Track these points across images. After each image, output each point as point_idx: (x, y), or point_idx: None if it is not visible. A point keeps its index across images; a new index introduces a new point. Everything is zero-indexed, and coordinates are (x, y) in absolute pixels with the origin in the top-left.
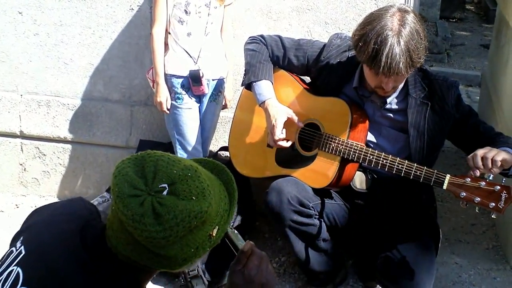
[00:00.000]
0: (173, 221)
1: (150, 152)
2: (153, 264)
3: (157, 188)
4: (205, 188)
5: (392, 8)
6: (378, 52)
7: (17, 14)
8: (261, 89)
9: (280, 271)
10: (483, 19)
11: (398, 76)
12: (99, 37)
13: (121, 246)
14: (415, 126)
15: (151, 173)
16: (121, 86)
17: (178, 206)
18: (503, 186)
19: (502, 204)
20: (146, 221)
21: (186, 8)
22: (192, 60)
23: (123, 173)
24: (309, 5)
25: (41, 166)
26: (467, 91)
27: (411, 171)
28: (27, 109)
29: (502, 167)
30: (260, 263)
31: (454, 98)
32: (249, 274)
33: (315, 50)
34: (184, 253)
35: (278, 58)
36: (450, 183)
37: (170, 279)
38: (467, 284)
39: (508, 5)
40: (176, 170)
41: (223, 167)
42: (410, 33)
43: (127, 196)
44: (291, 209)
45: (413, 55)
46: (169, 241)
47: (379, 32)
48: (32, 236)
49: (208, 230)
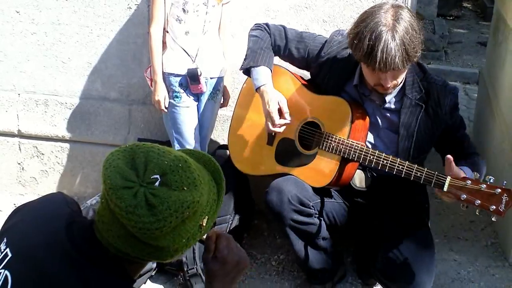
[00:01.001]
0: (167, 211)
1: (139, 144)
2: (145, 255)
3: (149, 179)
4: (196, 178)
5: (386, 4)
6: (373, 48)
7: (14, 13)
8: (259, 75)
9: (279, 269)
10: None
11: (395, 71)
12: (97, 36)
13: (112, 239)
14: (405, 126)
15: (142, 164)
16: (119, 85)
17: (171, 197)
18: (504, 189)
19: (503, 207)
20: (140, 212)
21: (184, 7)
22: (190, 59)
23: (114, 165)
24: (307, 3)
25: (39, 165)
26: (465, 89)
27: (411, 172)
28: (25, 108)
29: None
30: (228, 243)
31: (449, 104)
32: (222, 256)
33: (317, 45)
34: (176, 244)
35: (279, 47)
36: (451, 185)
37: (169, 277)
38: (466, 281)
39: (505, 3)
40: (167, 161)
41: (210, 157)
42: (405, 27)
43: (119, 188)
44: (292, 209)
45: (409, 49)
46: (163, 232)
47: (373, 29)
48: (17, 238)
49: (199, 220)
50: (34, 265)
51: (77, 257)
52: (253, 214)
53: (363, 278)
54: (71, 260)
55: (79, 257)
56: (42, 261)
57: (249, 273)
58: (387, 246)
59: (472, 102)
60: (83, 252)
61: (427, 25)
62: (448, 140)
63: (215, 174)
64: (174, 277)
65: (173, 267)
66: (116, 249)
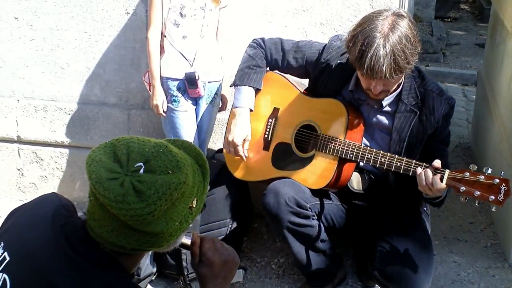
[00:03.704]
0: (155, 195)
1: (119, 138)
2: (141, 245)
3: (133, 168)
4: (178, 161)
5: (387, 12)
6: (364, 53)
7: (13, 20)
8: (241, 95)
9: (279, 272)
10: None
11: (382, 79)
12: (95, 41)
13: (106, 234)
14: (398, 131)
15: (124, 155)
16: (117, 90)
17: (157, 181)
18: (502, 179)
19: (502, 196)
20: (129, 200)
21: (182, 11)
22: (188, 63)
23: (97, 160)
24: (305, 6)
25: (38, 171)
26: (463, 90)
27: (410, 168)
28: (24, 114)
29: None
30: (212, 245)
31: (443, 113)
32: (208, 258)
33: (314, 52)
34: (169, 228)
35: (277, 61)
36: (450, 178)
37: (170, 282)
38: (466, 282)
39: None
40: (148, 148)
41: (190, 143)
42: (398, 37)
43: (106, 180)
44: (289, 211)
45: (399, 59)
46: (155, 216)
47: (367, 34)
48: (14, 241)
49: (188, 201)
50: (33, 268)
51: (75, 258)
52: (253, 218)
53: (363, 280)
54: (70, 261)
55: (77, 257)
56: (41, 263)
57: (249, 276)
58: (385, 246)
59: (471, 104)
60: (80, 252)
61: (424, 27)
62: (427, 145)
63: (197, 157)
64: (175, 281)
65: (173, 271)
66: (112, 244)
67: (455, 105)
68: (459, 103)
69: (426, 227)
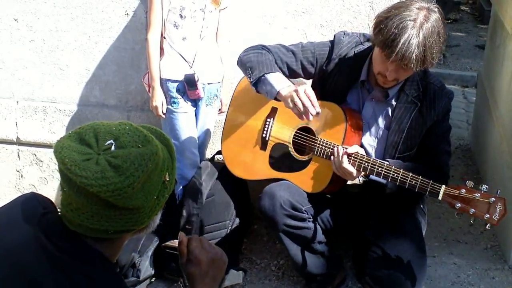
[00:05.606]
0: (132, 167)
1: (81, 126)
2: (124, 225)
3: (104, 146)
4: (146, 135)
5: (421, 3)
6: (396, 37)
7: (12, 21)
8: (273, 81)
9: (279, 274)
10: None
11: (403, 68)
12: (94, 42)
13: (87, 221)
14: (398, 121)
15: (93, 138)
16: (117, 92)
17: (131, 153)
18: (498, 197)
19: (497, 216)
20: (108, 175)
21: (181, 13)
22: (188, 64)
23: (66, 146)
24: (304, 8)
25: (38, 172)
26: (464, 92)
27: (406, 180)
28: (24, 116)
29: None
30: (199, 243)
31: (443, 107)
32: (195, 257)
33: (322, 49)
34: (148, 201)
35: (287, 64)
36: (446, 194)
37: (169, 284)
38: (466, 284)
39: (503, 6)
40: (115, 127)
41: (151, 125)
42: (431, 30)
43: (80, 162)
44: (284, 213)
45: (428, 52)
46: (134, 189)
47: (402, 19)
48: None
49: (162, 175)
50: (13, 264)
51: (55, 253)
52: (253, 219)
53: (363, 282)
54: (51, 257)
55: (58, 252)
56: (22, 261)
57: (249, 278)
58: (376, 251)
59: (471, 105)
60: (60, 246)
61: None
62: (425, 137)
63: (160, 137)
64: (174, 283)
65: (173, 274)
66: (93, 231)
67: (455, 106)
68: (459, 105)
69: (420, 228)
